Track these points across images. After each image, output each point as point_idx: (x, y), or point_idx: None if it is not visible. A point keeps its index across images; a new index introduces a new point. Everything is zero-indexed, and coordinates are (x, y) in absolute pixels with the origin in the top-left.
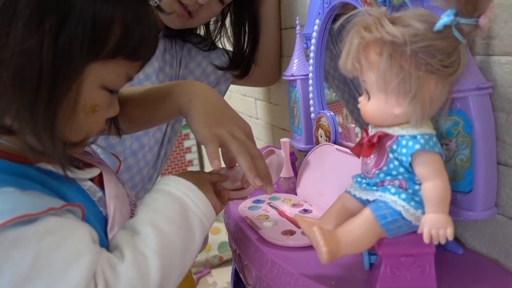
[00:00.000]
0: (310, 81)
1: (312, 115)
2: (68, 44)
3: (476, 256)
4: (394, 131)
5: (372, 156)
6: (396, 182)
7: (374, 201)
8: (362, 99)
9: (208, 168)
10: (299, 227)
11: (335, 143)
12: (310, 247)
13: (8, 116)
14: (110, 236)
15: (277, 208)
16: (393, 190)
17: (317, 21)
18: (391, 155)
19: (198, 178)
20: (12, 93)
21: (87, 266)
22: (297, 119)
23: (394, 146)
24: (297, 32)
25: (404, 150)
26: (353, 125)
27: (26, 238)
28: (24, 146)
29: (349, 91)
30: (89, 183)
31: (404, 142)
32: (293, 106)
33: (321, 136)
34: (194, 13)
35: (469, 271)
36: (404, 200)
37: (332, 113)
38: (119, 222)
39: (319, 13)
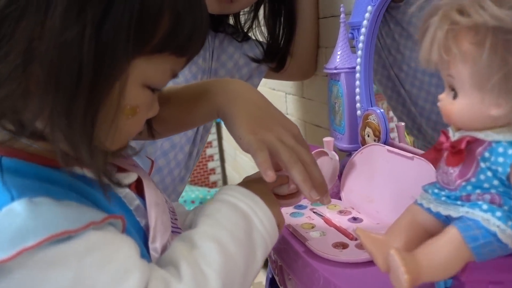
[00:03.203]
0: (357, 75)
1: (358, 112)
2: (112, 35)
3: None
4: (487, 135)
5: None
6: (487, 197)
7: (459, 218)
8: (444, 97)
9: (231, 180)
10: (351, 238)
11: (385, 143)
12: (366, 264)
13: (40, 119)
14: (152, 249)
15: (322, 216)
16: (485, 206)
17: (369, 8)
18: (482, 165)
19: (262, 189)
20: (46, 93)
21: (136, 286)
22: (339, 116)
23: (487, 154)
24: (341, 21)
25: (501, 159)
26: (402, 124)
27: (65, 258)
28: (57, 153)
29: (393, 87)
30: (126, 190)
31: (501, 150)
32: (335, 102)
33: (368, 136)
34: None
35: None
36: (499, 219)
37: (382, 110)
38: (161, 233)
39: None
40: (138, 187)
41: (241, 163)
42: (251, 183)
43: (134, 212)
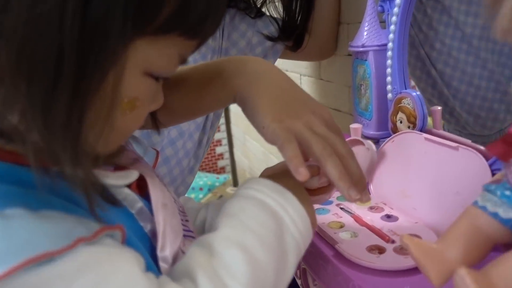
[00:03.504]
0: (389, 53)
1: (389, 95)
2: (104, 9)
3: None
4: None
5: None
6: None
7: None
8: None
9: (240, 165)
10: (387, 241)
11: (421, 130)
12: (408, 272)
13: (13, 115)
14: (161, 259)
15: (351, 213)
16: None
17: None
18: None
19: (293, 183)
20: (15, 84)
21: None
22: (365, 100)
23: None
24: None
25: None
26: (439, 108)
27: (49, 283)
28: (28, 155)
29: (423, 67)
30: (126, 191)
31: None
32: (360, 84)
33: (400, 122)
34: None
35: None
36: None
37: (418, 93)
38: (171, 239)
39: None
40: (140, 186)
41: (250, 148)
42: (278, 176)
43: (136, 217)
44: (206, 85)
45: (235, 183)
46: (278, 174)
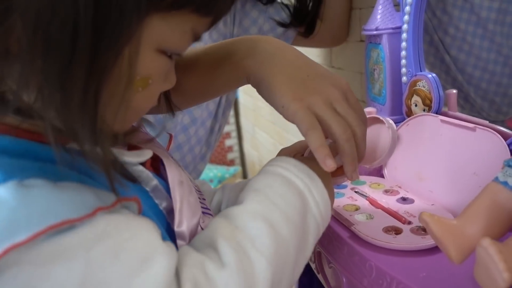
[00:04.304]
0: (404, 35)
1: (404, 78)
2: None
3: None
4: None
5: None
6: None
7: None
8: None
9: (249, 158)
10: (404, 222)
11: (437, 113)
12: (425, 252)
13: (28, 92)
14: (177, 235)
15: (366, 196)
16: None
17: None
18: None
19: (319, 166)
20: (32, 56)
21: (160, 274)
22: (378, 84)
23: None
24: None
25: None
26: (454, 91)
27: (70, 250)
28: (47, 133)
29: (436, 52)
30: (140, 168)
31: None
32: (373, 69)
33: (415, 105)
34: None
35: None
36: None
37: (434, 75)
38: (187, 216)
39: None
40: (154, 165)
41: (260, 139)
42: (302, 157)
43: (151, 194)
44: (218, 67)
45: (245, 175)
46: (304, 157)
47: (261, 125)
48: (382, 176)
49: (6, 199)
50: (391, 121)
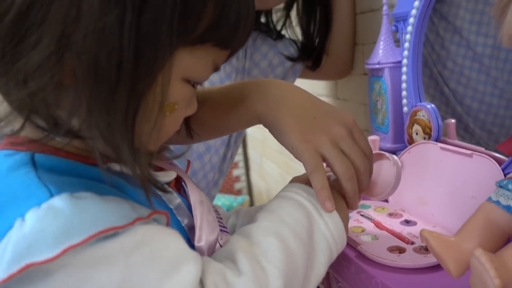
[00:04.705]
0: (404, 69)
1: (405, 108)
2: (153, 22)
3: None
4: None
5: None
6: None
7: None
8: None
9: (256, 188)
10: (407, 242)
11: (436, 141)
12: (428, 269)
13: (76, 116)
14: (197, 249)
15: (371, 219)
16: None
17: None
18: None
19: (333, 192)
20: (83, 86)
21: (188, 278)
22: (381, 114)
23: None
24: (384, 13)
25: None
26: (453, 121)
27: (113, 256)
28: (94, 152)
29: (436, 85)
30: (166, 188)
31: None
32: (376, 100)
33: (416, 133)
34: None
35: None
36: None
37: (433, 106)
38: (206, 233)
39: None
40: (177, 186)
41: (267, 169)
42: None
43: (175, 211)
44: (232, 108)
45: (252, 205)
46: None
47: (269, 155)
48: (386, 200)
49: (62, 208)
50: (396, 158)
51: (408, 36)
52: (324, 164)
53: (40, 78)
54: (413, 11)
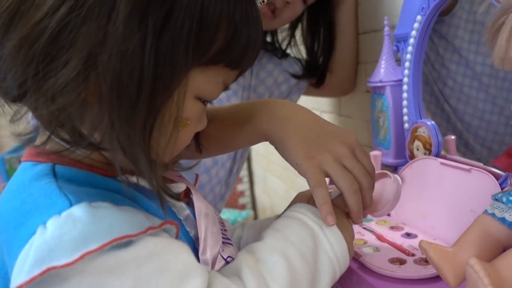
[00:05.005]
0: (405, 87)
1: (406, 125)
2: (171, 45)
3: None
4: None
5: None
6: None
7: None
8: None
9: (260, 203)
10: (408, 254)
11: (436, 156)
12: (427, 280)
13: (99, 130)
14: (202, 261)
15: (373, 232)
16: None
17: (419, 17)
18: None
19: (336, 211)
20: (106, 103)
21: None
22: (383, 131)
23: None
24: (385, 34)
25: None
26: (453, 137)
27: (125, 265)
28: (114, 163)
29: (437, 103)
30: (179, 197)
31: None
32: (378, 116)
33: (417, 149)
34: (278, 12)
35: None
36: None
37: (433, 122)
38: (210, 245)
39: (423, 8)
40: (186, 198)
41: (271, 185)
42: None
43: (184, 222)
44: (240, 126)
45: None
46: None
47: (273, 170)
48: (388, 214)
49: (80, 217)
50: (397, 177)
51: (408, 56)
52: (328, 180)
53: (68, 95)
54: (413, 32)
